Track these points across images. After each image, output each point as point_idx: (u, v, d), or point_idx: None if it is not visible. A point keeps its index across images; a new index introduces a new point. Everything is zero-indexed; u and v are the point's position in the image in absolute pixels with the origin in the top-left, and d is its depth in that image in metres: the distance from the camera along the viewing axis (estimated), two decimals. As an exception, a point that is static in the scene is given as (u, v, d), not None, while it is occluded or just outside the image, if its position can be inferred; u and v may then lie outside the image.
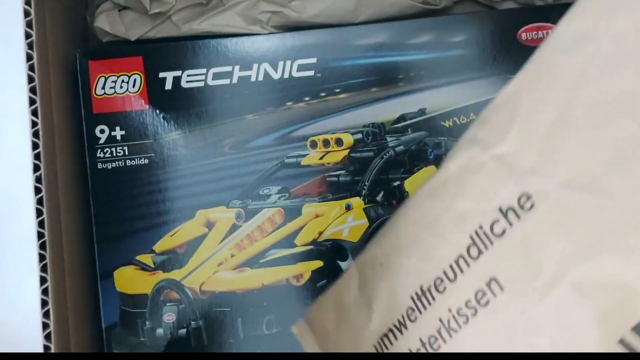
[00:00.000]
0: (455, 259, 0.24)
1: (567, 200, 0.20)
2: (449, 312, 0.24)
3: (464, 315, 0.23)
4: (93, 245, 0.37)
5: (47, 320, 0.31)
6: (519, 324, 0.21)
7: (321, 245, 0.38)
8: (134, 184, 0.37)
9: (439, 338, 0.24)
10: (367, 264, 0.29)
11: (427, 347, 0.25)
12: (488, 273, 0.23)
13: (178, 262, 0.38)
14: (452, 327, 0.24)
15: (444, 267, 0.24)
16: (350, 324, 0.29)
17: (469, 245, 0.23)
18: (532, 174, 0.21)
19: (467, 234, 0.23)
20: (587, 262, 0.19)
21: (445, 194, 0.25)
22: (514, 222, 0.22)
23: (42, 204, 0.31)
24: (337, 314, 0.30)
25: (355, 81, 0.38)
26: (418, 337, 0.25)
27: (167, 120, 0.38)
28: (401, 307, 0.26)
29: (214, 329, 0.37)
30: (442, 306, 0.24)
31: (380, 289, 0.28)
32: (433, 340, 0.25)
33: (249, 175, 0.38)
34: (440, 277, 0.24)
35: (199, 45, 0.38)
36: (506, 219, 0.22)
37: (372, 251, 0.29)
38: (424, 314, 0.25)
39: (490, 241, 0.23)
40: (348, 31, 0.38)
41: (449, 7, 0.42)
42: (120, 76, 0.38)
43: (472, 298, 0.23)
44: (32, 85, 0.31)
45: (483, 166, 0.24)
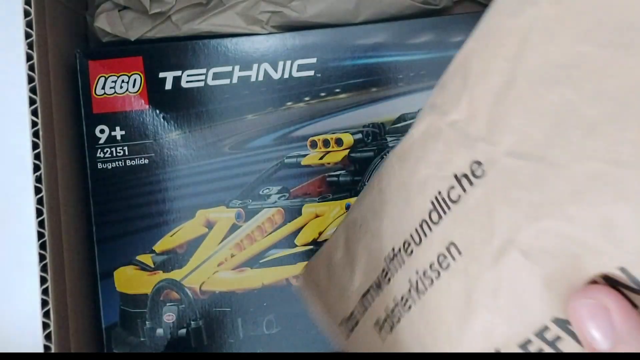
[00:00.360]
0: (419, 224, 0.24)
1: (512, 168, 0.20)
2: (416, 274, 0.25)
3: (429, 278, 0.24)
4: (93, 245, 0.37)
5: (47, 320, 0.31)
6: (475, 287, 0.22)
7: (321, 245, 0.38)
8: (134, 184, 0.37)
9: (409, 298, 0.25)
10: (350, 226, 0.30)
11: (399, 306, 0.26)
12: (447, 238, 0.23)
13: (178, 262, 0.38)
14: (419, 288, 0.25)
15: (411, 231, 0.25)
16: (337, 282, 0.30)
17: (430, 210, 0.24)
18: (481, 142, 0.22)
19: (429, 200, 0.24)
20: (532, 228, 0.20)
21: (410, 160, 0.26)
22: (468, 188, 0.22)
23: (42, 204, 0.31)
24: (328, 272, 0.31)
25: (355, 81, 0.38)
26: (392, 296, 0.26)
27: (167, 120, 0.38)
28: (377, 268, 0.27)
29: (214, 329, 0.37)
30: (410, 268, 0.25)
31: (359, 250, 0.29)
32: (404, 300, 0.26)
33: (249, 175, 0.38)
34: (408, 240, 0.25)
35: (199, 45, 0.38)
36: (461, 185, 0.22)
37: (354, 214, 0.30)
38: (396, 276, 0.26)
39: (448, 207, 0.23)
40: (348, 31, 0.38)
41: (449, 7, 0.42)
42: (120, 76, 0.38)
43: (435, 261, 0.24)
44: (32, 85, 0.31)
45: (440, 133, 0.24)
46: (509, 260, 0.21)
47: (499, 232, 0.21)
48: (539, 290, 0.20)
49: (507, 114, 0.21)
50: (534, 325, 0.20)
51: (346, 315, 0.30)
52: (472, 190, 0.22)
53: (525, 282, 0.20)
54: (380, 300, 0.27)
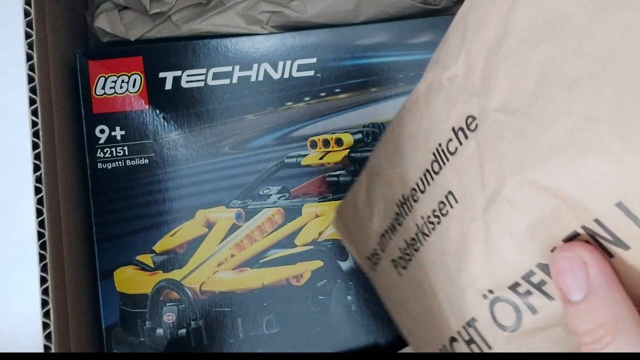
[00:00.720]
0: (423, 173, 0.26)
1: (500, 123, 0.21)
2: (422, 219, 0.27)
3: (432, 223, 0.26)
4: (93, 245, 0.37)
5: (47, 320, 0.31)
6: (469, 232, 0.24)
7: (321, 245, 0.38)
8: (134, 184, 0.37)
9: (418, 241, 0.28)
10: (370, 172, 0.32)
11: (410, 248, 0.28)
12: (446, 187, 0.25)
13: (178, 262, 0.38)
14: (425, 232, 0.27)
15: (417, 180, 0.27)
16: (361, 223, 0.33)
17: (432, 161, 0.26)
18: (476, 97, 0.23)
19: (431, 151, 0.26)
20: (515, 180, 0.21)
21: (416, 112, 0.27)
22: (463, 141, 0.24)
23: (42, 204, 0.31)
24: (354, 214, 0.34)
25: (355, 81, 0.38)
26: (404, 239, 0.29)
27: (167, 120, 0.38)
28: (391, 212, 0.30)
29: (214, 329, 0.37)
30: (417, 214, 0.27)
31: (377, 195, 0.31)
32: (414, 242, 0.28)
33: (249, 175, 0.38)
34: (415, 188, 0.27)
35: (199, 45, 0.38)
36: (457, 138, 0.24)
37: (373, 161, 0.32)
38: (406, 220, 0.28)
39: (447, 158, 0.25)
40: (348, 31, 0.38)
41: (449, 7, 0.42)
42: (120, 76, 0.38)
43: (437, 208, 0.26)
44: (32, 85, 0.31)
45: (441, 87, 0.25)
46: (496, 209, 0.22)
47: (488, 183, 0.22)
48: (523, 237, 0.21)
49: (498, 70, 0.22)
50: (521, 269, 0.21)
51: (370, 252, 0.33)
52: (467, 143, 0.23)
53: (511, 230, 0.21)
54: (395, 241, 0.30)
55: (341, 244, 0.38)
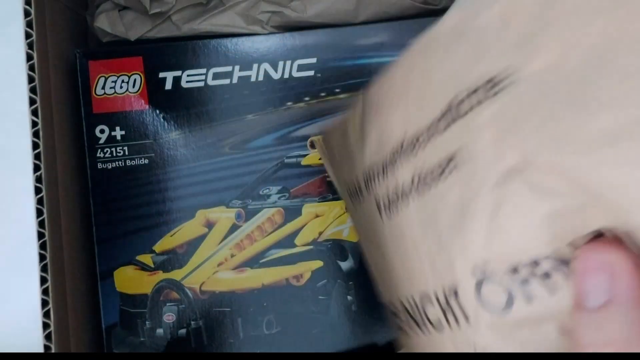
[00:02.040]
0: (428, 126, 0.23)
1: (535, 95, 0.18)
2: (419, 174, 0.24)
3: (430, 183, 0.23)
4: (93, 245, 0.37)
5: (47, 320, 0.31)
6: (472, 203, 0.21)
7: (321, 245, 0.38)
8: (134, 184, 0.37)
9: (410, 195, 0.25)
10: (367, 102, 0.29)
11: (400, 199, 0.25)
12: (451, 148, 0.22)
13: (178, 262, 0.38)
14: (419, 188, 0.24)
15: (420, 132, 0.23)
16: (349, 155, 0.30)
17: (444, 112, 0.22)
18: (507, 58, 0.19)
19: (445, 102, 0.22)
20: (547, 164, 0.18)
21: (433, 53, 0.24)
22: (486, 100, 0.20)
23: (42, 204, 0.31)
24: (343, 142, 0.31)
25: (355, 81, 0.38)
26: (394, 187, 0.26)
27: (167, 120, 0.38)
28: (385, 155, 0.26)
29: (214, 329, 0.37)
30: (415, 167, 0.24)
31: (371, 132, 0.28)
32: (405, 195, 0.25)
33: (249, 175, 0.38)
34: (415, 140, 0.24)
35: (199, 45, 0.38)
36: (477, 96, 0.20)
37: (372, 92, 0.28)
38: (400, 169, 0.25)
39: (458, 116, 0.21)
40: (348, 31, 0.38)
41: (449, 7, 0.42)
42: (120, 76, 0.38)
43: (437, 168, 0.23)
44: (32, 85, 0.31)
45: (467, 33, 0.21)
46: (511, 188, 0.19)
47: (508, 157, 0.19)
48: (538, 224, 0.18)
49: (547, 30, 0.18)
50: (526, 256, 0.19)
51: (353, 185, 0.30)
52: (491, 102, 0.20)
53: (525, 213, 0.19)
54: (383, 185, 0.27)
55: (341, 244, 0.38)
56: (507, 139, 0.19)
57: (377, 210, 0.28)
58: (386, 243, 0.28)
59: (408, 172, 0.25)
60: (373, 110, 0.28)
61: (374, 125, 0.28)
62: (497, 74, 0.20)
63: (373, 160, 0.28)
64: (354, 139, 0.30)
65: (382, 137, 0.27)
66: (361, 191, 0.29)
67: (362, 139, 0.29)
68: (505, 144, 0.19)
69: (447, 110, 0.22)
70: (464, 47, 0.21)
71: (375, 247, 0.29)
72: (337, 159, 0.32)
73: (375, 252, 0.30)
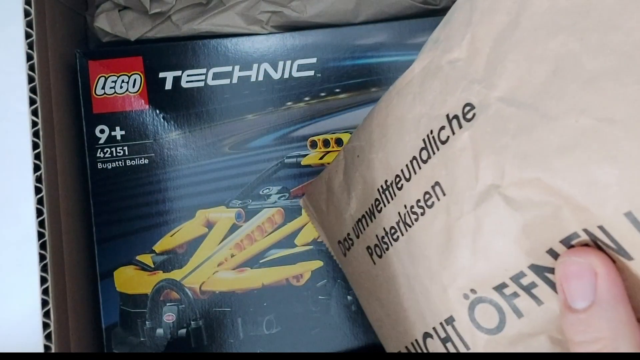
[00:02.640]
0: (410, 160, 0.25)
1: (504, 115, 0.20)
2: (404, 208, 0.25)
3: (416, 213, 0.24)
4: (93, 245, 0.37)
5: (47, 320, 0.31)
6: (456, 227, 0.22)
7: (321, 245, 0.38)
8: (134, 184, 0.37)
9: (398, 230, 0.26)
10: (349, 153, 0.30)
11: (388, 236, 0.27)
12: (434, 177, 0.23)
13: (178, 262, 0.38)
14: (407, 222, 0.25)
15: (402, 167, 0.25)
16: (335, 206, 0.31)
17: (422, 148, 0.24)
18: (477, 84, 0.21)
19: (421, 138, 0.24)
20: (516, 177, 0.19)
21: (408, 95, 0.25)
22: (457, 131, 0.22)
23: (42, 204, 0.31)
24: (328, 196, 0.32)
25: (355, 81, 0.38)
26: (382, 226, 0.27)
27: (167, 120, 0.38)
28: (371, 197, 0.28)
29: (214, 329, 0.37)
30: (400, 202, 0.25)
31: (356, 178, 0.29)
32: (393, 231, 0.26)
33: (249, 175, 0.38)
34: (399, 175, 0.25)
35: (199, 45, 0.38)
36: (450, 126, 0.22)
37: (353, 142, 0.30)
38: (387, 207, 0.27)
39: (437, 147, 0.23)
40: (348, 31, 0.38)
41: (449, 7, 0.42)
42: (120, 76, 0.38)
43: (422, 198, 0.24)
44: (32, 85, 0.31)
45: (439, 70, 0.23)
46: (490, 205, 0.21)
47: (483, 177, 0.21)
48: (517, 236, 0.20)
49: (506, 57, 0.20)
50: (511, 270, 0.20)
51: (343, 236, 0.31)
52: (460, 133, 0.22)
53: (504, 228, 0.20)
54: (372, 227, 0.28)
55: (341, 244, 0.38)
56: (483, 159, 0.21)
57: (368, 255, 0.29)
58: (381, 287, 0.28)
59: (394, 208, 0.26)
60: (356, 160, 0.29)
61: (359, 174, 0.29)
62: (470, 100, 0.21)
63: (360, 206, 0.29)
64: (339, 192, 0.31)
65: (367, 183, 0.28)
66: (351, 240, 0.30)
67: (347, 191, 0.30)
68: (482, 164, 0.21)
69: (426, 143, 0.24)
70: (438, 81, 0.23)
71: (372, 296, 0.30)
72: (325, 213, 0.33)
73: (374, 303, 0.30)
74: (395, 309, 0.27)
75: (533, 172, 0.19)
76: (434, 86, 0.23)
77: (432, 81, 0.24)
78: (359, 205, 0.29)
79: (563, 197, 0.18)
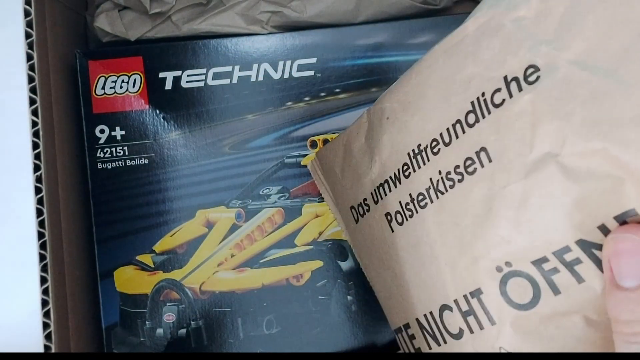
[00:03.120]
0: (452, 123, 0.23)
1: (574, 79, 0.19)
2: (439, 174, 0.24)
3: (452, 180, 0.23)
4: (93, 245, 0.37)
5: (48, 320, 0.31)
6: (499, 196, 0.21)
7: (321, 245, 0.38)
8: (134, 184, 0.37)
9: (427, 197, 0.25)
10: (376, 115, 0.29)
11: (414, 203, 0.25)
12: (480, 142, 0.22)
13: (178, 262, 0.38)
14: (439, 188, 0.24)
15: (442, 130, 0.24)
16: (353, 170, 0.30)
17: (469, 111, 0.22)
18: (546, 45, 0.20)
19: (469, 100, 0.22)
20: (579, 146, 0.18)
21: (458, 54, 0.24)
22: (515, 93, 0.21)
23: (42, 204, 0.31)
24: (344, 158, 0.30)
25: (355, 81, 0.38)
26: (408, 192, 0.26)
27: (167, 120, 0.38)
28: (398, 161, 0.26)
29: (214, 329, 0.37)
30: (433, 168, 0.24)
31: (383, 141, 0.28)
32: (421, 198, 0.25)
33: (249, 175, 0.38)
34: (437, 139, 0.24)
35: (199, 45, 0.38)
36: (508, 89, 0.21)
37: (382, 104, 0.28)
38: (417, 172, 0.25)
39: (488, 110, 0.22)
40: (348, 31, 0.38)
41: (449, 7, 0.42)
42: (120, 76, 0.38)
43: (461, 164, 0.23)
44: (32, 85, 0.31)
45: (501, 29, 0.22)
46: (543, 175, 0.19)
47: (540, 145, 0.20)
48: (569, 209, 0.19)
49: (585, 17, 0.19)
50: (555, 244, 0.19)
51: (358, 201, 0.30)
52: (520, 96, 0.20)
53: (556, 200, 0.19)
54: (395, 193, 0.27)
55: (341, 244, 0.38)
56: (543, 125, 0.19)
57: (386, 222, 0.28)
58: (397, 256, 0.27)
59: (426, 174, 0.25)
60: (384, 122, 0.28)
61: (386, 137, 0.27)
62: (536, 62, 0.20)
63: (384, 171, 0.28)
64: (359, 156, 0.29)
65: (395, 146, 0.27)
66: (367, 205, 0.29)
67: (369, 154, 0.29)
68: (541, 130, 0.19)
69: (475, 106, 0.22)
70: (498, 40, 0.22)
71: (383, 265, 0.29)
72: (339, 178, 0.31)
73: (384, 273, 0.29)
74: (410, 279, 0.26)
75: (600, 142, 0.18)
76: (492, 45, 0.22)
77: (490, 40, 0.22)
78: (383, 170, 0.28)
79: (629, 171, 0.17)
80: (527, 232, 0.20)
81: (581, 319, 0.19)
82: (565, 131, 0.19)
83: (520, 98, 0.20)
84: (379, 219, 0.28)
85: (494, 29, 0.22)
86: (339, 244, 0.38)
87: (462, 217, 0.23)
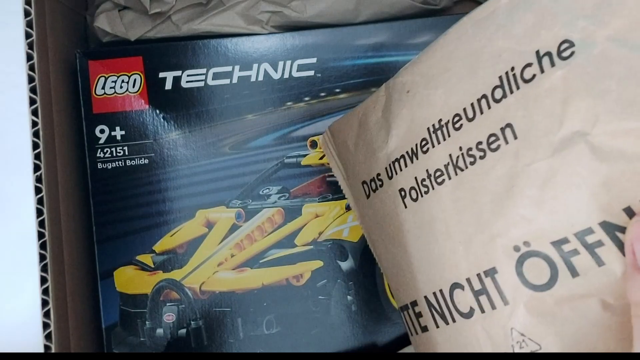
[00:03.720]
0: (478, 98, 0.23)
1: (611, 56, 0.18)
2: (459, 150, 0.23)
3: (473, 156, 0.23)
4: (93, 245, 0.37)
5: (48, 320, 0.31)
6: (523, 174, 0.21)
7: (321, 245, 0.38)
8: (134, 184, 0.37)
9: (445, 173, 0.24)
10: (395, 89, 0.28)
11: (431, 179, 0.25)
12: (506, 118, 0.21)
13: (178, 262, 0.38)
14: (459, 165, 0.23)
15: (465, 105, 0.23)
16: (368, 144, 0.29)
17: (496, 86, 0.22)
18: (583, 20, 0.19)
19: (497, 75, 0.22)
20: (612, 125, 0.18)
21: (489, 27, 0.23)
22: (547, 69, 0.20)
23: (42, 204, 0.31)
24: (359, 132, 0.30)
25: (355, 81, 0.38)
26: (425, 168, 0.25)
27: (167, 120, 0.38)
28: (417, 136, 0.26)
29: (214, 329, 0.37)
30: (454, 143, 0.24)
31: (401, 115, 0.27)
32: (439, 174, 0.24)
33: (249, 175, 0.38)
34: (460, 114, 0.23)
35: (199, 45, 0.38)
36: (540, 64, 0.20)
37: (403, 77, 0.28)
38: (436, 148, 0.25)
39: (517, 85, 0.21)
40: (348, 31, 0.38)
41: (449, 7, 0.42)
42: (120, 76, 0.38)
43: (484, 140, 0.22)
44: (32, 85, 0.31)
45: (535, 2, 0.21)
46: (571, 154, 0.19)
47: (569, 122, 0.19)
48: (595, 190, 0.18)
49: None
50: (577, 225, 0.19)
51: (371, 176, 0.29)
52: (552, 72, 0.20)
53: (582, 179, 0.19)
54: (411, 168, 0.26)
55: (341, 244, 0.38)
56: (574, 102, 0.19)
57: (399, 197, 0.27)
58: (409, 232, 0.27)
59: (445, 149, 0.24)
60: (404, 96, 0.27)
61: (405, 111, 0.27)
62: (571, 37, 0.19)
63: (401, 145, 0.27)
64: (375, 130, 0.29)
65: (415, 120, 0.26)
66: (381, 180, 0.28)
67: (386, 128, 0.28)
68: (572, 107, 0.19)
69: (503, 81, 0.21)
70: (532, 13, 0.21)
71: (394, 242, 0.28)
72: (352, 152, 0.31)
73: (394, 250, 0.28)
74: (421, 255, 0.26)
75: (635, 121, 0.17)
76: (526, 19, 0.21)
77: (523, 13, 0.21)
78: (400, 144, 0.27)
79: None
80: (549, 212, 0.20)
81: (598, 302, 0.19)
82: (598, 109, 0.18)
83: (552, 74, 0.20)
84: (392, 194, 0.28)
85: (528, 2, 0.21)
86: (339, 244, 0.38)
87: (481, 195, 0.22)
